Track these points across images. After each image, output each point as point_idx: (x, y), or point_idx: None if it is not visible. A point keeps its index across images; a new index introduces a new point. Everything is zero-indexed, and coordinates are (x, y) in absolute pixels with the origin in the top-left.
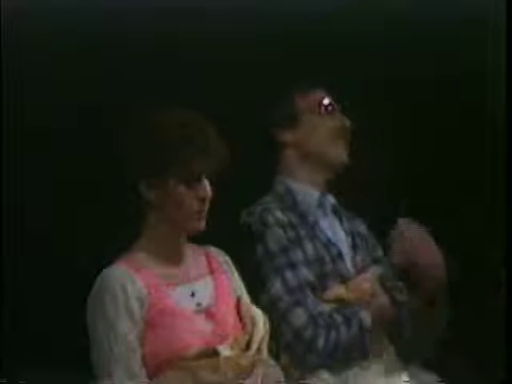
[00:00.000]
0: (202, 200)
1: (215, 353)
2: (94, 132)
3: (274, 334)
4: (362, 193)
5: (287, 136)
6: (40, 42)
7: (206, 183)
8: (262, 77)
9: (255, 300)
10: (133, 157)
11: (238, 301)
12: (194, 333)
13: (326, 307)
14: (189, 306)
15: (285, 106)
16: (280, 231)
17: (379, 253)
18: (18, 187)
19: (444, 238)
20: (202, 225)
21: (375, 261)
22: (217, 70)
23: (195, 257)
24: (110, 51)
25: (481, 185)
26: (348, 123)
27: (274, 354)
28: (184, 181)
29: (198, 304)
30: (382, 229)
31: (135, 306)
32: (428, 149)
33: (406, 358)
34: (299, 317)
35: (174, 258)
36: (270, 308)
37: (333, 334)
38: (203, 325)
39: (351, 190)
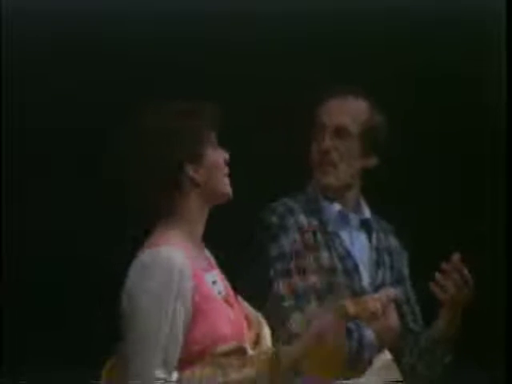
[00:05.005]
0: (227, 163)
1: (242, 350)
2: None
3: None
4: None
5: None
6: (40, 42)
7: None
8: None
9: (260, 297)
10: (178, 140)
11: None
12: (227, 320)
13: None
14: (216, 293)
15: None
16: (297, 236)
17: (405, 272)
18: (19, 188)
19: (444, 239)
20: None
21: (399, 280)
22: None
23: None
24: (110, 52)
25: (482, 185)
26: None
27: None
28: (213, 146)
29: (219, 293)
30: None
31: (188, 290)
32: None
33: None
34: (297, 322)
35: (199, 243)
36: (272, 307)
37: None
38: (230, 313)
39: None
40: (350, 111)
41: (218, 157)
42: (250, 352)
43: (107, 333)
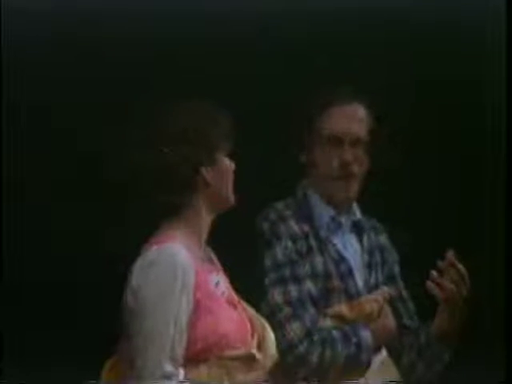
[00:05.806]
0: (234, 173)
1: (251, 357)
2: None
3: None
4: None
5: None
6: (40, 41)
7: None
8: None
9: (256, 307)
10: (199, 141)
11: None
12: (230, 319)
13: (328, 323)
14: (219, 294)
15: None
16: (290, 243)
17: (396, 270)
18: (20, 184)
19: (444, 239)
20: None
21: (390, 277)
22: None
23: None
24: (111, 51)
25: (482, 185)
26: None
27: None
28: (227, 154)
29: (223, 294)
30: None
31: (190, 287)
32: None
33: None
34: (295, 330)
35: (203, 245)
36: (268, 316)
37: (328, 351)
38: (233, 314)
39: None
40: (358, 118)
41: (229, 164)
42: (258, 356)
43: (107, 333)
